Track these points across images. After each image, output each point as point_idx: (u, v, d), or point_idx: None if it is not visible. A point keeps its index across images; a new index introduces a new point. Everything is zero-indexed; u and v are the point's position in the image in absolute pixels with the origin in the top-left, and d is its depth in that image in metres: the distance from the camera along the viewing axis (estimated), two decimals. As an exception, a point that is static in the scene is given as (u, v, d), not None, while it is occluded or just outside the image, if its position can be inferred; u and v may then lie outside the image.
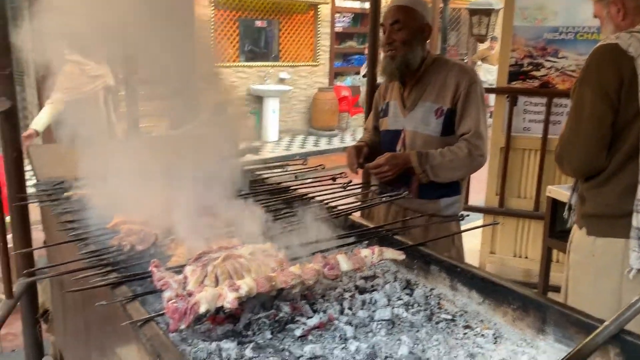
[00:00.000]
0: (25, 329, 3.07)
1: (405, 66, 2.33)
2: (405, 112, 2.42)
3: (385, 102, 2.55)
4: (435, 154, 2.27)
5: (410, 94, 2.40)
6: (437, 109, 2.33)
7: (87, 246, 1.56)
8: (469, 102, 2.30)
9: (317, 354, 1.19)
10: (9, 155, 2.72)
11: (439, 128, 2.33)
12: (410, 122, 2.39)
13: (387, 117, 2.50)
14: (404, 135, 2.41)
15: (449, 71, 2.34)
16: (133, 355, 1.23)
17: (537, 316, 1.28)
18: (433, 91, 2.35)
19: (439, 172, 2.28)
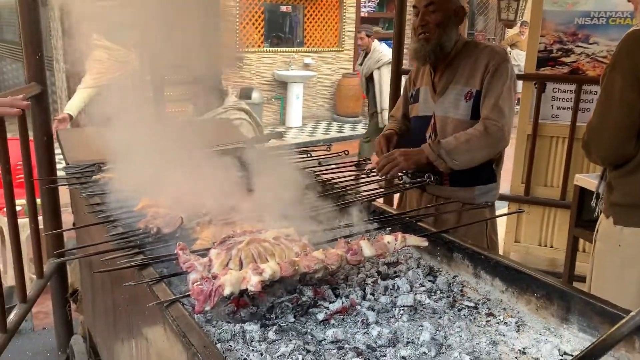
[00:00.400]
0: (55, 308, 3.17)
1: (439, 49, 2.27)
2: (435, 97, 2.36)
3: (415, 88, 2.49)
4: (450, 139, 2.19)
5: (441, 79, 2.34)
6: (467, 92, 2.27)
7: (115, 228, 1.60)
8: (494, 79, 2.22)
9: (339, 337, 1.20)
10: (39, 138, 2.79)
11: (468, 111, 2.26)
12: (440, 107, 2.34)
13: (417, 103, 2.45)
14: (434, 120, 2.35)
15: (480, 53, 2.28)
16: (159, 335, 1.26)
17: (561, 305, 1.27)
18: (463, 74, 2.29)
19: (456, 156, 2.16)
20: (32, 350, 3.35)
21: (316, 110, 11.13)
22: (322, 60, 11.09)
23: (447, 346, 1.20)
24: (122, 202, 1.75)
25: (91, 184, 1.98)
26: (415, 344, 1.20)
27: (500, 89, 2.20)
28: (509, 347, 1.21)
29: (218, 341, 1.16)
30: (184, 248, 1.34)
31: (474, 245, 1.55)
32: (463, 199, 2.28)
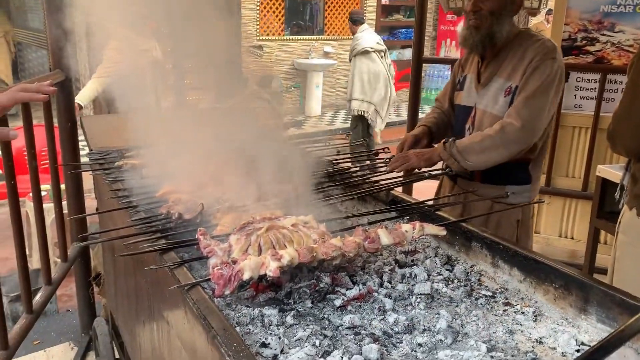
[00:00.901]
0: (78, 291, 3.25)
1: (489, 39, 2.13)
2: (478, 87, 2.24)
3: (463, 75, 2.37)
4: (465, 138, 2.11)
5: (486, 69, 2.22)
6: (507, 87, 2.13)
7: (137, 213, 1.63)
8: (532, 77, 2.06)
9: (356, 323, 1.22)
10: (63, 125, 2.84)
11: (505, 107, 2.13)
12: (481, 99, 2.22)
13: (462, 90, 2.34)
14: (474, 112, 2.25)
15: (529, 47, 2.12)
16: (180, 318, 1.29)
17: (579, 295, 1.26)
18: (508, 67, 2.15)
19: (468, 155, 2.08)
20: (56, 331, 3.44)
21: (335, 98, 11.10)
22: (342, 49, 11.02)
23: (464, 334, 1.20)
24: (145, 188, 1.78)
25: (114, 170, 2.01)
26: (431, 332, 1.21)
27: (533, 87, 2.06)
28: (526, 336, 1.22)
29: (237, 324, 1.18)
30: (204, 233, 1.36)
31: (492, 234, 1.55)
32: (493, 197, 2.18)
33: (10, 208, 2.12)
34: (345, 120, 10.24)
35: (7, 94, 1.30)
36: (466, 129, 2.27)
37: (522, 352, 1.15)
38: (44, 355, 3.19)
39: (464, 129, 2.28)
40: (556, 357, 1.14)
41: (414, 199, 1.87)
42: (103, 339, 2.63)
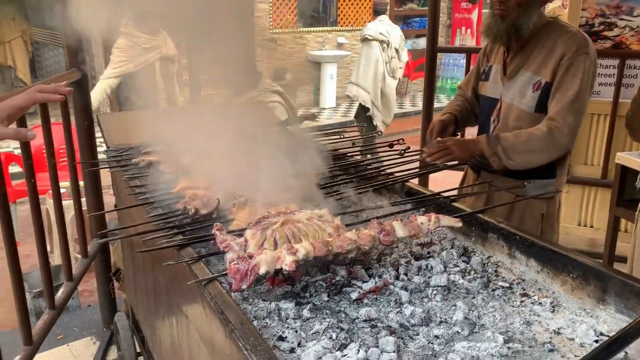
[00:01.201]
0: (99, 286, 3.30)
1: (515, 30, 2.05)
2: (504, 79, 2.18)
3: (488, 65, 2.30)
4: (509, 135, 2.03)
5: (512, 60, 2.15)
6: (536, 81, 2.07)
7: (154, 210, 1.65)
8: (567, 75, 2.00)
9: (373, 316, 1.22)
10: (80, 123, 2.88)
11: (533, 103, 2.08)
12: (507, 92, 2.16)
13: (487, 81, 2.28)
14: (500, 105, 2.19)
15: (558, 38, 2.05)
16: (198, 312, 1.31)
17: (597, 285, 1.25)
18: (536, 60, 2.08)
19: (513, 155, 2.01)
20: (78, 326, 3.50)
21: (350, 90, 11.05)
22: (356, 39, 10.94)
23: (481, 326, 1.20)
24: (162, 184, 1.80)
25: (131, 166, 2.04)
26: (448, 323, 1.21)
27: (573, 88, 1.99)
28: (544, 327, 1.21)
29: (254, 318, 1.19)
30: (220, 229, 1.37)
31: (508, 225, 1.54)
32: (518, 191, 2.12)
33: (31, 207, 2.16)
34: (360, 112, 10.20)
35: (24, 95, 1.32)
36: (491, 121, 2.22)
37: (540, 343, 1.14)
38: (67, 350, 3.25)
39: (489, 121, 2.23)
40: (574, 348, 1.13)
41: (429, 191, 1.86)
42: (124, 334, 2.67)
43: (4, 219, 1.89)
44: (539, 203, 2.16)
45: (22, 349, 2.08)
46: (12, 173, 5.15)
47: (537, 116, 2.07)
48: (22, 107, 1.31)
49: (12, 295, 2.04)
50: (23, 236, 4.40)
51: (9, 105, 1.30)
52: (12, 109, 1.30)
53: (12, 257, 1.94)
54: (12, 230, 1.95)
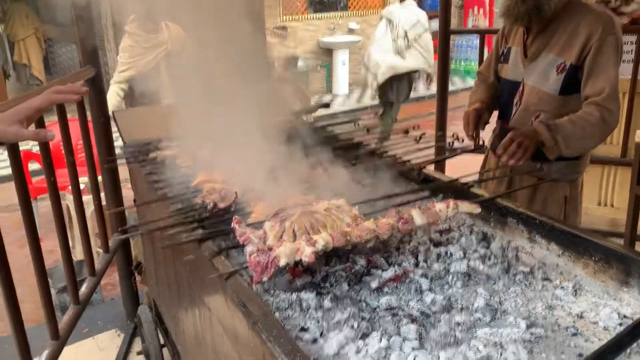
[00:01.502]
0: (121, 280, 3.35)
1: (536, 11, 2.01)
2: (525, 62, 2.15)
3: (507, 46, 2.26)
4: (565, 122, 1.96)
5: (533, 42, 2.11)
6: (559, 63, 2.04)
7: (174, 204, 1.66)
8: (601, 58, 1.96)
9: (393, 304, 1.23)
10: (97, 119, 2.90)
11: (558, 85, 2.05)
12: (529, 75, 2.13)
13: (507, 64, 2.25)
14: (522, 88, 2.16)
15: (582, 19, 2.01)
16: (220, 305, 1.32)
17: (620, 268, 1.24)
18: (559, 42, 2.04)
19: (571, 143, 1.96)
20: (102, 319, 3.57)
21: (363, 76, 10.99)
22: (367, 24, 10.87)
23: (502, 311, 1.20)
24: (180, 179, 1.82)
25: (149, 161, 2.05)
26: (469, 310, 1.21)
27: (610, 70, 1.96)
28: (566, 311, 1.20)
29: (276, 310, 1.20)
30: (239, 222, 1.38)
31: (528, 209, 1.53)
32: (541, 174, 2.10)
33: (52, 205, 2.19)
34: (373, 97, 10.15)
35: (42, 96, 1.33)
36: (514, 104, 2.19)
37: (563, 328, 1.14)
38: (93, 343, 3.31)
39: (511, 104, 2.20)
40: (598, 332, 1.13)
41: (447, 177, 1.85)
42: (148, 326, 2.71)
43: (26, 216, 1.92)
44: (562, 186, 2.14)
45: (50, 344, 2.12)
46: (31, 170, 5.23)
47: (562, 99, 2.04)
48: (40, 108, 1.33)
49: (36, 291, 2.08)
50: (44, 232, 4.47)
51: (26, 107, 1.32)
52: (30, 110, 1.32)
53: (36, 253, 1.97)
54: (35, 227, 1.98)
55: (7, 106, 1.42)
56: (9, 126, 1.27)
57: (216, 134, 1.88)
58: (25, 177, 1.94)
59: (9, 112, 1.30)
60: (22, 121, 1.29)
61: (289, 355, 0.96)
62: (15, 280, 1.86)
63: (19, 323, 1.83)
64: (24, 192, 1.91)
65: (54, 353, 2.10)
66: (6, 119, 1.28)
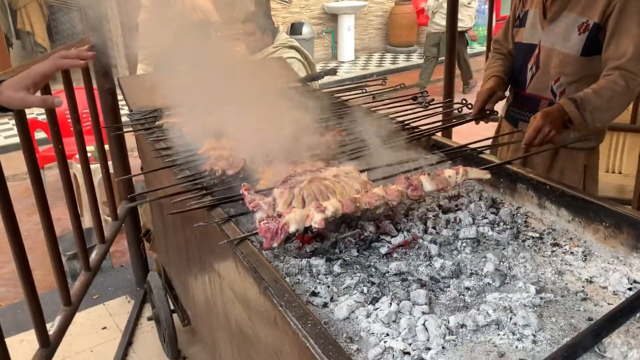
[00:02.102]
0: (130, 247, 3.39)
1: None
2: (544, 23, 2.07)
3: (524, 10, 2.20)
4: (590, 95, 1.88)
5: (554, 2, 2.04)
6: (582, 23, 1.96)
7: (182, 171, 1.66)
8: (624, 18, 1.88)
9: (403, 270, 1.23)
10: (102, 86, 2.88)
11: (579, 46, 1.98)
12: (548, 36, 2.06)
13: (523, 27, 2.18)
14: (538, 51, 2.09)
15: None
16: (231, 270, 1.33)
17: (631, 233, 1.24)
18: (581, 1, 1.98)
19: (598, 115, 1.88)
20: (113, 285, 3.62)
21: (368, 41, 10.84)
22: (373, -11, 10.68)
23: (512, 277, 1.21)
24: (187, 146, 1.81)
25: (155, 129, 2.05)
26: (479, 275, 1.21)
27: (634, 29, 1.87)
28: (576, 276, 1.21)
29: (286, 275, 1.21)
30: (249, 189, 1.38)
31: (538, 175, 1.52)
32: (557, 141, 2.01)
33: (60, 173, 2.19)
34: (379, 64, 10.04)
35: (48, 62, 1.32)
36: (528, 69, 2.13)
37: (572, 292, 1.14)
38: (104, 309, 3.37)
39: (525, 69, 2.15)
40: (608, 296, 1.13)
41: (456, 143, 1.84)
42: (157, 292, 2.75)
43: (36, 183, 1.93)
44: (581, 154, 2.09)
45: (62, 309, 2.15)
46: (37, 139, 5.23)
47: (584, 60, 1.98)
48: (47, 74, 1.32)
49: (46, 259, 2.10)
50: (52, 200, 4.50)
51: (33, 73, 1.30)
52: (37, 76, 1.30)
53: (46, 221, 1.98)
54: (45, 196, 1.98)
55: (13, 73, 1.40)
56: (15, 92, 1.26)
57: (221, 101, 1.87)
58: (33, 145, 1.93)
59: (15, 79, 1.29)
60: (29, 87, 1.27)
61: (300, 319, 0.97)
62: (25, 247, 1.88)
63: (32, 289, 1.85)
64: (33, 160, 1.90)
65: (66, 318, 2.13)
66: (12, 85, 1.27)
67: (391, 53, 10.73)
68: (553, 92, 2.08)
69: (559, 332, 1.02)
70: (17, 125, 1.83)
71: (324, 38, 10.26)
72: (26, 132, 1.86)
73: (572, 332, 1.02)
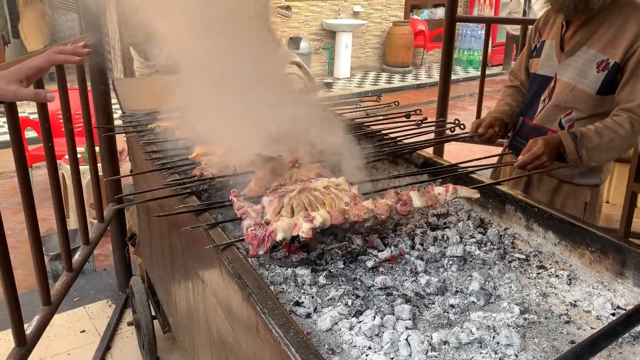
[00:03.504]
0: (115, 251, 3.35)
1: (585, 2, 1.88)
2: (562, 56, 2.02)
3: (540, 40, 2.14)
4: (592, 134, 1.86)
5: (573, 36, 1.98)
6: (601, 60, 1.90)
7: (171, 175, 1.65)
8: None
9: (388, 284, 1.23)
10: (97, 87, 2.87)
11: (597, 84, 1.92)
12: (565, 71, 2.00)
13: (539, 58, 2.12)
14: (553, 84, 2.04)
15: (631, 15, 1.88)
16: (215, 276, 1.32)
17: (616, 259, 1.24)
18: (603, 38, 1.91)
19: (595, 155, 1.87)
20: (94, 289, 3.57)
21: (365, 60, 10.93)
22: (372, 8, 10.79)
23: (497, 296, 1.20)
24: (178, 150, 1.80)
25: (147, 132, 2.04)
26: (464, 293, 1.21)
27: None
28: (560, 299, 1.21)
29: (271, 284, 1.20)
30: (237, 195, 1.38)
31: (526, 197, 1.53)
32: (562, 176, 2.04)
33: (48, 172, 2.17)
34: (374, 82, 10.11)
35: (43, 56, 1.31)
36: (541, 101, 2.09)
37: (556, 315, 1.14)
38: (84, 312, 3.32)
39: (538, 100, 2.10)
40: (591, 320, 1.13)
41: (447, 162, 1.85)
42: (139, 297, 2.72)
43: (23, 183, 1.91)
44: (583, 191, 2.07)
45: (41, 309, 2.12)
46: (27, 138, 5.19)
47: (599, 99, 1.94)
48: (41, 68, 1.31)
49: (30, 259, 2.08)
50: (39, 200, 4.46)
51: (27, 66, 1.30)
52: (31, 70, 1.29)
53: (31, 220, 1.96)
54: (32, 195, 1.96)
55: (7, 67, 1.39)
56: (7, 85, 1.25)
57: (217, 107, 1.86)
58: (22, 142, 1.92)
59: (9, 71, 1.28)
60: (22, 80, 1.27)
61: (282, 327, 0.95)
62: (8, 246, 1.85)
63: (12, 286, 1.83)
64: (22, 157, 1.89)
65: (44, 318, 2.10)
66: (5, 77, 1.26)
67: (387, 72, 10.82)
68: (561, 125, 2.03)
69: (541, 354, 1.02)
70: (7, 119, 1.82)
71: (321, 54, 10.33)
72: (17, 127, 1.85)
73: (554, 354, 1.01)
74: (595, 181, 2.08)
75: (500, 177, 2.27)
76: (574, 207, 2.08)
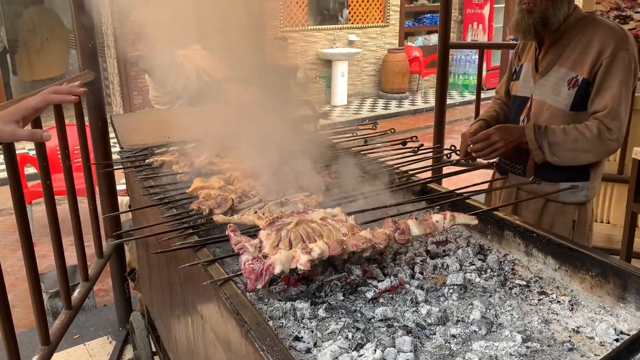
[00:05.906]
0: (114, 286, 3.33)
1: (542, 24, 1.98)
2: (536, 77, 2.11)
3: (519, 64, 2.24)
4: (557, 130, 1.95)
5: (545, 57, 2.08)
6: (571, 78, 1.99)
7: (169, 210, 1.65)
8: (610, 73, 1.93)
9: (389, 315, 1.21)
10: (94, 124, 2.89)
11: (569, 101, 2.00)
12: (540, 90, 2.09)
13: (518, 80, 2.21)
14: (530, 104, 2.12)
15: (595, 33, 1.97)
16: (214, 312, 1.31)
17: (617, 283, 1.23)
18: (571, 56, 2.01)
19: (558, 151, 1.95)
20: (95, 325, 3.53)
21: (361, 87, 11.03)
22: (367, 37, 10.94)
23: (498, 325, 1.19)
24: (176, 185, 1.81)
25: (145, 167, 2.04)
26: (465, 323, 1.19)
27: (617, 87, 1.92)
28: (562, 325, 1.19)
29: (270, 318, 1.19)
30: (235, 230, 1.37)
31: (525, 222, 1.52)
32: (548, 195, 2.07)
33: (47, 209, 2.17)
34: (371, 109, 10.19)
35: (38, 96, 1.33)
36: (520, 121, 2.15)
37: (559, 342, 1.13)
38: (84, 349, 3.28)
39: (518, 121, 2.16)
40: (594, 347, 1.12)
41: (444, 189, 1.85)
42: (140, 333, 2.68)
43: (21, 220, 1.91)
44: (570, 209, 2.09)
45: (40, 349, 2.09)
46: (27, 174, 5.21)
47: (572, 114, 2.00)
48: (37, 108, 1.32)
49: (29, 296, 2.06)
50: (38, 237, 4.45)
51: (23, 106, 1.31)
52: (27, 110, 1.31)
53: (29, 258, 1.95)
54: (29, 232, 1.96)
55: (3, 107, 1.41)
56: (4, 126, 1.26)
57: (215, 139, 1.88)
58: (20, 180, 1.92)
59: (5, 112, 1.29)
60: (19, 121, 1.28)
61: (282, 364, 0.94)
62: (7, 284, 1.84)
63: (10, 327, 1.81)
64: (19, 195, 1.89)
65: (43, 358, 2.07)
66: (3, 117, 1.27)
67: (383, 99, 10.91)
68: None
69: (546, 383, 1.00)
70: (5, 159, 1.83)
71: (318, 83, 10.43)
72: (14, 166, 1.85)
73: (559, 384, 1.00)
74: (581, 199, 2.10)
75: (492, 201, 2.29)
76: (562, 225, 2.10)
